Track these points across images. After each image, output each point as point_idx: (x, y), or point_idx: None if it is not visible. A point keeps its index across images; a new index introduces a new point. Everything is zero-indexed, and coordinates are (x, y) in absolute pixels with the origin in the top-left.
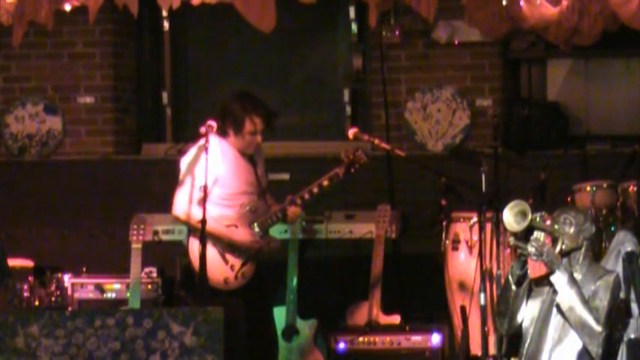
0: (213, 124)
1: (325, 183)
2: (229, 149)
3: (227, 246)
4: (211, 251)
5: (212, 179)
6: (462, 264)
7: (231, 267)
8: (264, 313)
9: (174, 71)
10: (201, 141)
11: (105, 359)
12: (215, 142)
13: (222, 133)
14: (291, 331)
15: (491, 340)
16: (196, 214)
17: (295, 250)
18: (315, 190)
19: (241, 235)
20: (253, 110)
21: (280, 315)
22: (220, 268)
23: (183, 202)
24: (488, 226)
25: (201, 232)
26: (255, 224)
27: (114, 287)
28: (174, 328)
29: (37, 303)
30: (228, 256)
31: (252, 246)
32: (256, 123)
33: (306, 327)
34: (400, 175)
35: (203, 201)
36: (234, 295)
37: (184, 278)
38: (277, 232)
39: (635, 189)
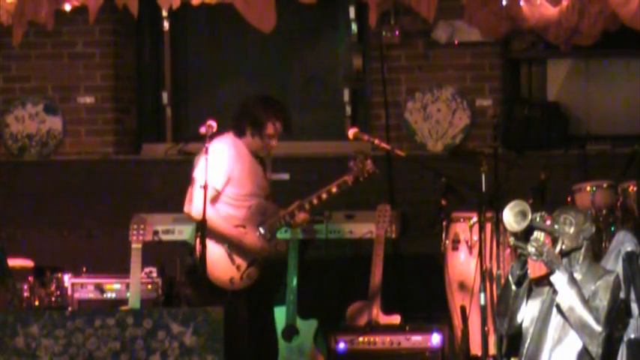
0: (214, 124)
1: (334, 190)
2: (244, 150)
3: (234, 246)
4: (219, 250)
5: (225, 178)
6: (462, 264)
7: (238, 267)
8: (266, 315)
9: (174, 71)
10: (218, 140)
11: (105, 359)
12: (230, 141)
13: (238, 133)
14: (291, 331)
15: (491, 340)
16: (209, 213)
17: (295, 250)
18: (324, 196)
19: (251, 238)
20: (275, 113)
21: (280, 315)
22: (227, 267)
23: (196, 201)
24: (488, 226)
25: (201, 231)
26: (263, 226)
27: (114, 287)
28: (174, 328)
29: (37, 303)
30: (235, 257)
31: (260, 251)
32: (277, 126)
33: (306, 327)
34: (400, 175)
35: (204, 200)
36: (238, 296)
37: (191, 277)
38: (277, 231)
39: (635, 189)
